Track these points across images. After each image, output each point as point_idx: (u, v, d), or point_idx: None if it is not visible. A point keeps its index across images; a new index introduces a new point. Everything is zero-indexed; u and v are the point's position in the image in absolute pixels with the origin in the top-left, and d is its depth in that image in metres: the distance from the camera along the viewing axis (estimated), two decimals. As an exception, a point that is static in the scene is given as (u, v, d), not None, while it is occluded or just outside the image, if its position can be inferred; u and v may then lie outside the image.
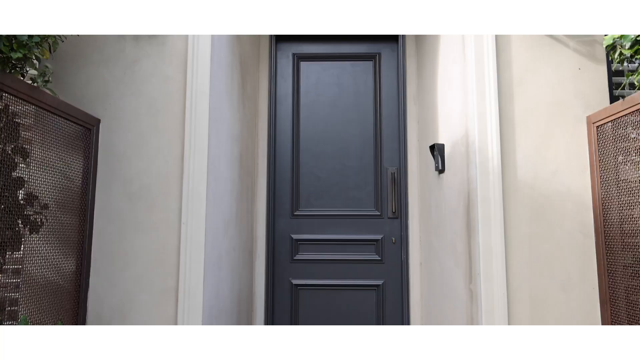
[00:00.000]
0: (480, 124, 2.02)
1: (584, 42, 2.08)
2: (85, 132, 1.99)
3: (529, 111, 2.05)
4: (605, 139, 1.92)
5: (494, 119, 2.02)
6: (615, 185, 1.86)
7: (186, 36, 2.10)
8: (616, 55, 1.72)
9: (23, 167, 1.61)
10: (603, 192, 1.93)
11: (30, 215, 1.64)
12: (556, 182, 2.02)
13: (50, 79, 1.99)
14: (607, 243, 1.92)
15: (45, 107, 1.71)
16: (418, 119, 3.07)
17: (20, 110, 1.59)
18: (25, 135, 1.63)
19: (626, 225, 1.80)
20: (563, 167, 2.03)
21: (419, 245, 3.00)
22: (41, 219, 1.70)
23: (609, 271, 1.91)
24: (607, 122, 1.89)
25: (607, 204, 1.91)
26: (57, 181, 1.80)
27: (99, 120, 2.06)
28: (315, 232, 3.09)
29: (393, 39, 3.22)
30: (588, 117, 2.01)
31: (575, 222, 2.00)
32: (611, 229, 1.89)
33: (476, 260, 2.00)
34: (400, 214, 3.06)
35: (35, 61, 1.92)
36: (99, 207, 2.04)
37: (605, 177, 1.92)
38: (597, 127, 1.96)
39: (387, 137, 3.14)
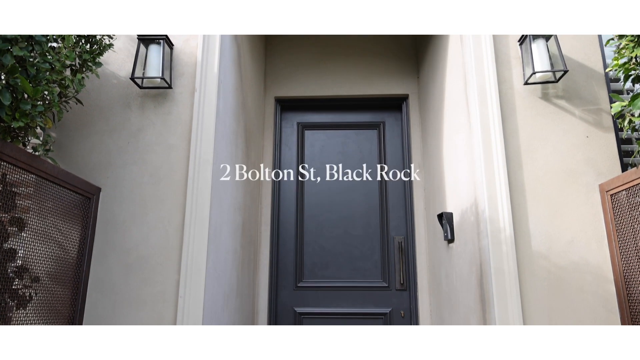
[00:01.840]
0: (490, 192, 1.96)
1: (590, 110, 2.07)
2: (84, 200, 1.94)
3: (539, 179, 2.00)
4: (621, 207, 1.84)
5: (504, 187, 1.96)
6: (636, 256, 1.76)
7: (192, 105, 2.11)
8: (626, 123, 1.70)
9: (17, 237, 1.54)
10: (624, 264, 1.83)
11: (19, 289, 1.55)
12: (573, 252, 1.93)
13: (52, 147, 1.98)
14: (633, 319, 1.78)
15: (45, 176, 1.67)
16: (424, 186, 3.03)
17: (19, 179, 1.55)
18: (22, 204, 1.58)
19: (653, 300, 1.68)
20: (579, 237, 1.94)
21: (429, 320, 2.84)
22: (30, 294, 1.61)
23: None
24: (622, 190, 1.83)
25: (630, 276, 1.80)
26: (51, 252, 1.73)
27: (99, 189, 2.02)
28: (319, 305, 2.94)
29: (396, 108, 3.26)
30: (601, 186, 1.96)
31: (597, 296, 1.88)
32: (636, 303, 1.77)
33: (493, 337, 1.86)
34: (408, 285, 2.93)
35: (39, 130, 1.92)
36: (93, 279, 1.95)
37: (624, 247, 1.83)
38: (611, 195, 1.89)
39: (393, 205, 3.08)
